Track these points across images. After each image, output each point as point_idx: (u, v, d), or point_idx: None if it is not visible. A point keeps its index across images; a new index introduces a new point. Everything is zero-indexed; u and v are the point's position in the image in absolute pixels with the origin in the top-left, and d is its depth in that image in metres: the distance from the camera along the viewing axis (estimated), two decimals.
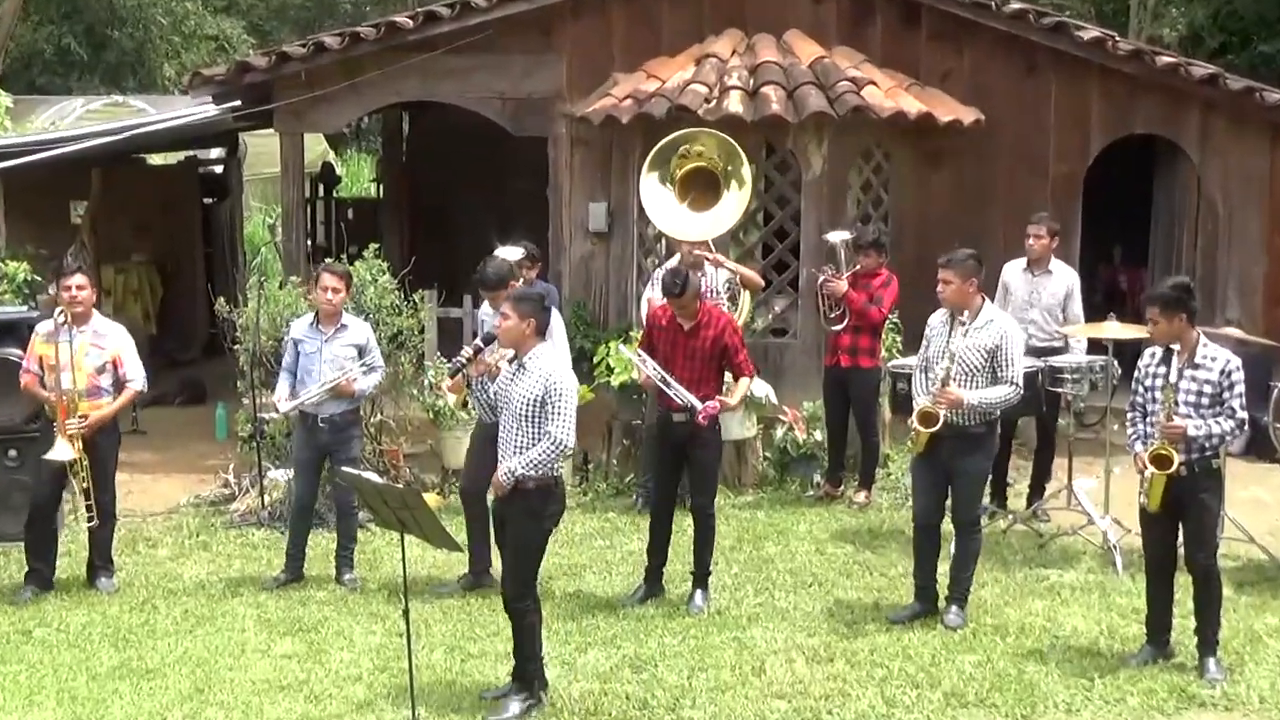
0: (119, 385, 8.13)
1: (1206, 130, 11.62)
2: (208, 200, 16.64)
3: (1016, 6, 11.36)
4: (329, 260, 9.63)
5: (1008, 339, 7.39)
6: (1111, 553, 8.48)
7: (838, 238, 9.91)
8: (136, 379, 8.19)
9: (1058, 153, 11.67)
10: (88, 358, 8.00)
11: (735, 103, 10.48)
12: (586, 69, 11.58)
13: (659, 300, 8.16)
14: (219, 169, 17.33)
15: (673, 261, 9.24)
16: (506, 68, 11.59)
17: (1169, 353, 6.77)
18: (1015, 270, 9.67)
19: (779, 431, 10.29)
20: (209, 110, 11.98)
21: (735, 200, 9.44)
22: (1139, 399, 6.91)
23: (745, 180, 9.43)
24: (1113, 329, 8.93)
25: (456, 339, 11.18)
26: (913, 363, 8.16)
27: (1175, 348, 6.74)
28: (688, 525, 7.99)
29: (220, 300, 10.38)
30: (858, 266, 9.77)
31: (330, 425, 8.23)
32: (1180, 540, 6.91)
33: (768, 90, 10.58)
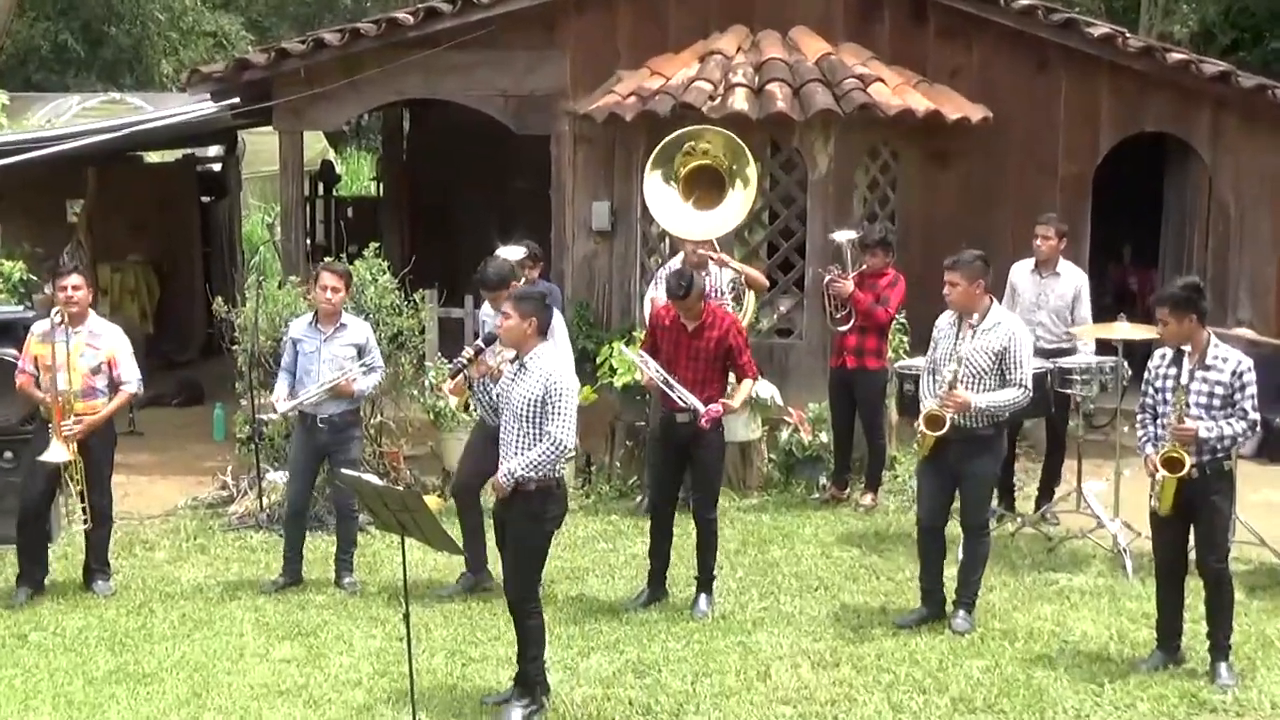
0: (114, 386, 8.13)
1: (1218, 128, 11.61)
2: (206, 199, 16.65)
3: (1026, 2, 11.31)
4: (328, 259, 9.62)
5: (1016, 341, 7.38)
6: (1121, 556, 8.47)
7: (844, 237, 9.90)
8: (131, 381, 8.18)
9: (1067, 151, 11.65)
10: (83, 358, 8.00)
11: (740, 100, 10.47)
12: (590, 66, 11.58)
13: (662, 300, 8.15)
14: (217, 167, 17.33)
15: (676, 261, 9.25)
16: (509, 64, 11.58)
17: (1180, 354, 6.76)
18: (1023, 271, 9.67)
19: (784, 433, 10.29)
20: (207, 108, 12.01)
21: (740, 199, 9.42)
22: (1149, 400, 6.90)
23: (750, 180, 9.42)
24: (1123, 330, 8.91)
25: (458, 339, 11.19)
26: (920, 364, 8.16)
27: (1186, 349, 6.73)
28: (691, 528, 7.98)
29: (218, 300, 10.36)
30: (864, 266, 9.77)
31: (329, 426, 8.23)
32: (1191, 544, 6.91)
33: (773, 87, 10.58)
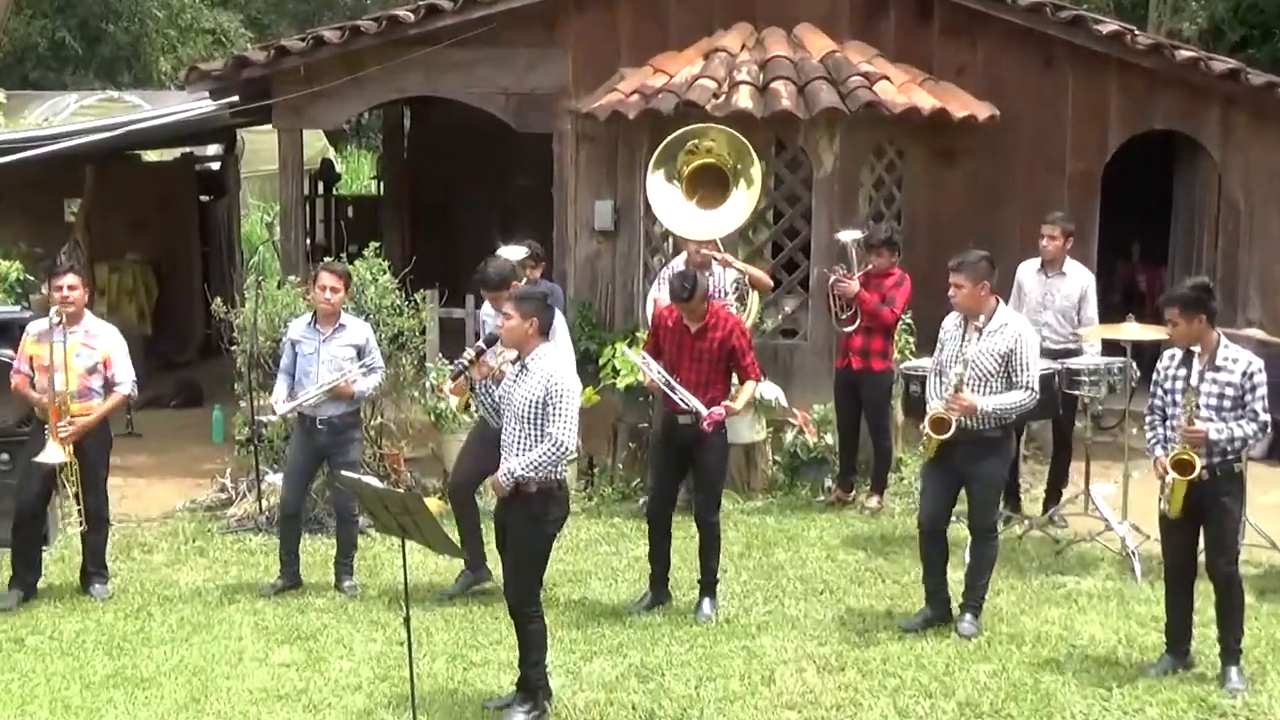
0: (109, 387, 8.13)
1: (1227, 126, 11.60)
2: (204, 198, 16.67)
3: None
4: (328, 259, 9.63)
5: (1022, 343, 7.37)
6: (1130, 559, 8.46)
7: (849, 237, 9.90)
8: (125, 382, 8.18)
9: (1075, 149, 11.65)
10: (78, 358, 8.00)
11: (745, 98, 10.47)
12: (592, 63, 11.57)
13: (666, 301, 8.15)
14: (216, 166, 17.35)
15: (679, 261, 9.24)
16: (510, 62, 11.58)
17: (1189, 355, 6.76)
18: (1029, 271, 9.68)
19: (789, 435, 10.29)
20: (206, 106, 12.02)
21: (744, 199, 9.41)
22: (1158, 402, 6.89)
23: (755, 179, 9.41)
24: (1131, 330, 8.91)
25: (459, 340, 11.18)
26: (926, 365, 8.15)
27: (1196, 349, 6.73)
28: (695, 531, 7.98)
29: (217, 300, 10.36)
30: (869, 266, 9.77)
31: (329, 427, 8.23)
32: (1201, 547, 6.91)
33: (778, 85, 10.57)
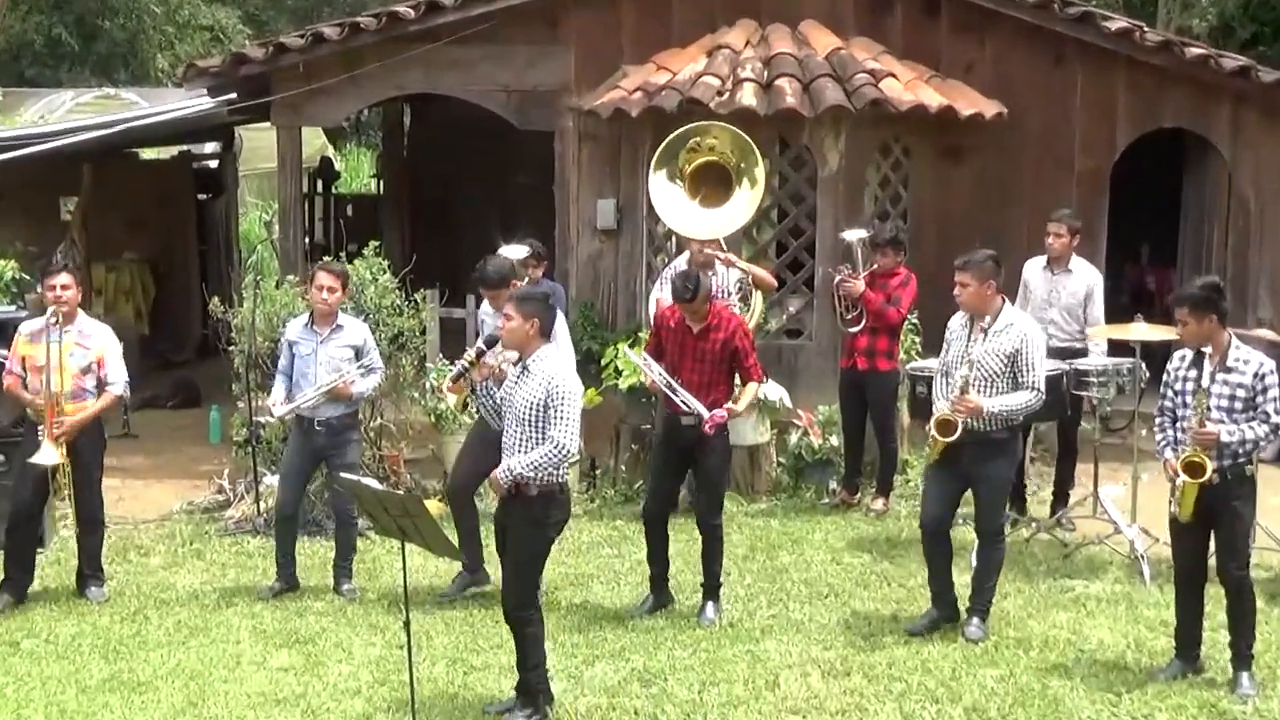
0: (102, 387, 8.12)
1: (1238, 124, 11.59)
2: (202, 196, 16.67)
3: None
4: (327, 259, 9.63)
5: (1028, 342, 7.36)
6: (1139, 563, 8.45)
7: (854, 236, 9.89)
8: (117, 382, 8.17)
9: (1083, 147, 11.65)
10: (72, 358, 7.99)
11: (749, 96, 10.46)
12: (594, 60, 11.57)
13: (668, 301, 8.15)
14: (214, 164, 17.36)
15: (682, 260, 9.23)
16: (511, 59, 11.57)
17: (1200, 355, 6.74)
18: (1035, 268, 9.68)
19: (793, 436, 10.28)
20: (203, 103, 12.02)
21: (747, 199, 9.40)
22: (1169, 404, 6.87)
23: (758, 180, 9.40)
24: (1140, 330, 8.90)
25: (459, 340, 11.19)
26: (932, 365, 8.14)
27: (1207, 350, 6.71)
28: (698, 534, 7.97)
29: (215, 300, 10.36)
30: (875, 266, 9.76)
31: (327, 429, 8.22)
32: (1211, 550, 6.89)
33: (782, 83, 10.57)
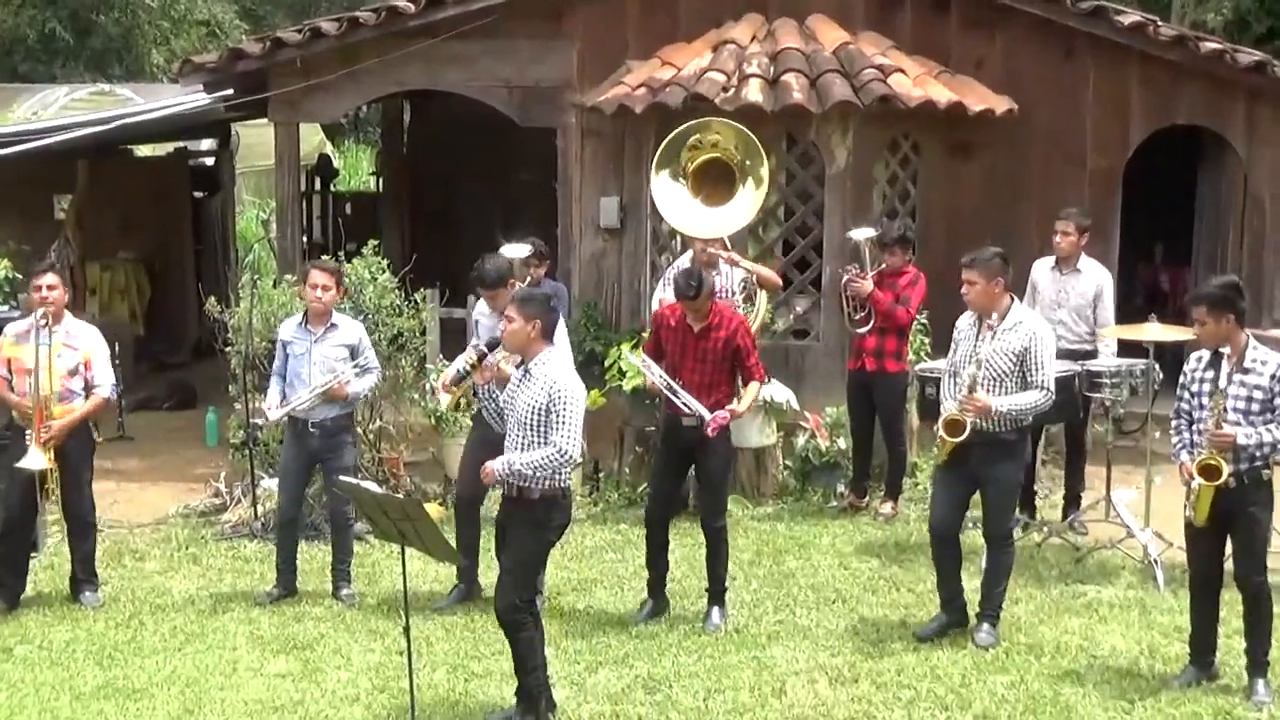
0: (89, 389, 8.11)
1: (1253, 120, 11.57)
2: (198, 194, 16.69)
3: None
4: (324, 258, 9.63)
5: (1037, 341, 7.34)
6: (1152, 567, 8.44)
7: (862, 234, 9.88)
8: (104, 385, 8.17)
9: (1096, 144, 11.63)
10: (60, 359, 7.99)
11: (755, 91, 10.46)
12: (598, 56, 11.56)
13: (671, 301, 8.14)
14: (210, 161, 17.38)
15: (685, 259, 9.22)
16: (513, 54, 11.57)
17: (1217, 356, 6.73)
18: (1044, 268, 9.67)
19: (800, 439, 10.27)
20: (200, 99, 12.05)
21: (751, 198, 9.39)
22: (1185, 405, 6.86)
23: (763, 179, 9.38)
24: (1153, 331, 8.89)
25: (460, 340, 11.17)
26: (942, 366, 8.14)
27: (1224, 351, 6.70)
28: (702, 538, 7.97)
29: (211, 300, 10.37)
30: (883, 265, 9.76)
31: (321, 431, 8.20)
32: (1227, 554, 6.88)
33: (789, 78, 10.56)
